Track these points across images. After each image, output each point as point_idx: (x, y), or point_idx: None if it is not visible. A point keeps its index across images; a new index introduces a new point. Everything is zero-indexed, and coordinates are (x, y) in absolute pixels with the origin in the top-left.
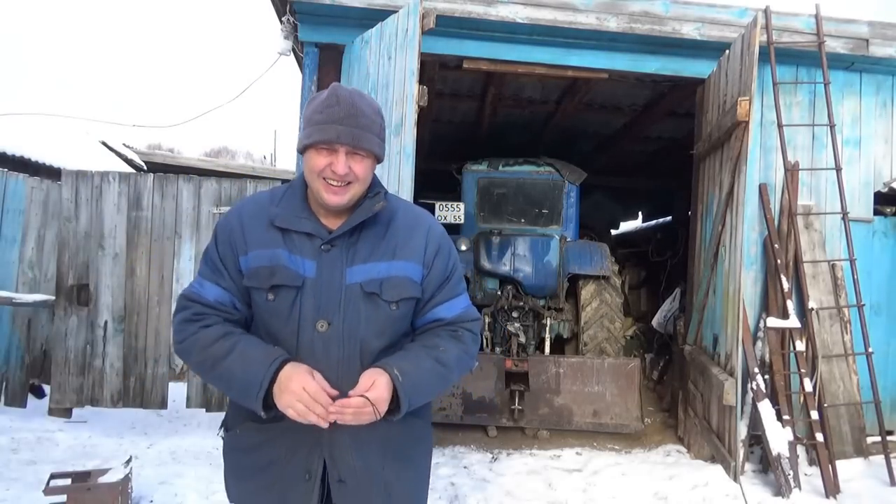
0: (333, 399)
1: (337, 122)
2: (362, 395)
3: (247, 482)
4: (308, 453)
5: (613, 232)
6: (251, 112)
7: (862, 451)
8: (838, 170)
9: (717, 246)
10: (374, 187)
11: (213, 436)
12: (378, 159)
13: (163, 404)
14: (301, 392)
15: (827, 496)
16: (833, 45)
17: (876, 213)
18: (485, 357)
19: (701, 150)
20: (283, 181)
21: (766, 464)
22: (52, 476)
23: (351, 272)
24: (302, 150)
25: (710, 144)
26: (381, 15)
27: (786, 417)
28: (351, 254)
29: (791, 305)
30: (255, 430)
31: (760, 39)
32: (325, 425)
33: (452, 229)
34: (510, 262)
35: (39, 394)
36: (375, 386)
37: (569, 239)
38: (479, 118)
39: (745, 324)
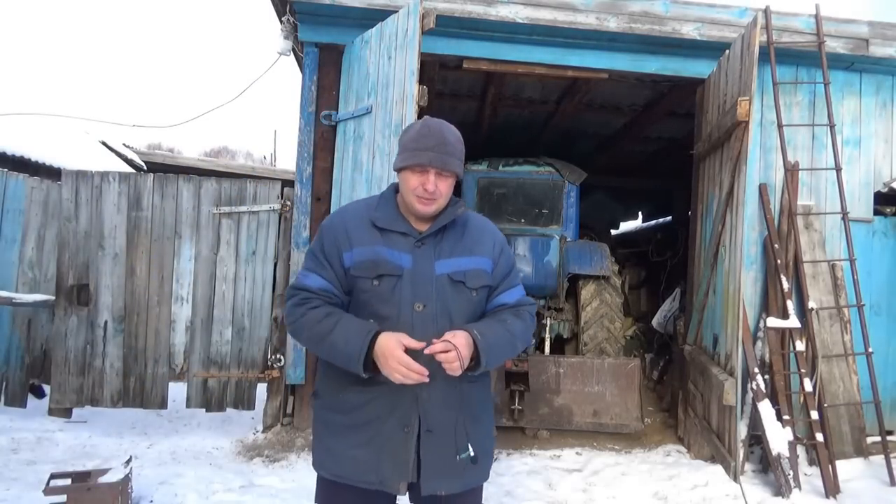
0: (420, 350)
1: (429, 149)
2: (445, 340)
3: (343, 438)
4: (406, 410)
5: (613, 232)
6: (251, 112)
7: (862, 451)
8: (838, 170)
9: (717, 246)
10: (453, 198)
11: (213, 436)
12: (458, 178)
13: (163, 404)
14: (398, 366)
15: (827, 496)
16: (833, 45)
17: (876, 213)
18: None
19: (701, 150)
20: (284, 181)
21: (766, 464)
22: (52, 476)
23: (439, 265)
24: (399, 170)
25: (710, 144)
26: (381, 15)
27: (786, 417)
28: (438, 250)
29: (791, 305)
30: (359, 392)
31: (760, 39)
32: (426, 380)
33: None
34: None
35: (39, 394)
36: (456, 335)
37: (569, 239)
38: (479, 118)
39: (745, 324)
